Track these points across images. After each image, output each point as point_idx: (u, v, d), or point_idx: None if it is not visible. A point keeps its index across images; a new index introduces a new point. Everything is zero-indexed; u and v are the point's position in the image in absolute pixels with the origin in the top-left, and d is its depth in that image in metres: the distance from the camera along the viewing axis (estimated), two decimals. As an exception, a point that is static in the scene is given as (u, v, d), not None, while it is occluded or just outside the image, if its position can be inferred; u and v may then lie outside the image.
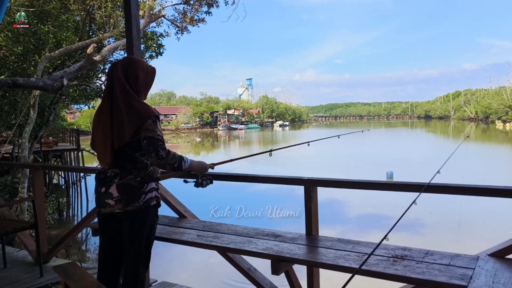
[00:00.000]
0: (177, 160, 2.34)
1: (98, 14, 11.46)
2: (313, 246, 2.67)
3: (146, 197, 2.33)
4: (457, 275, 2.10)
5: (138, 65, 2.41)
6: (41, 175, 4.53)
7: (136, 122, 2.24)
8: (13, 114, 12.22)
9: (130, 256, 2.35)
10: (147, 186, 2.34)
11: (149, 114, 2.26)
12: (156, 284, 3.61)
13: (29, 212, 10.38)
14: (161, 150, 2.25)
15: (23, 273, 4.01)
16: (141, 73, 2.40)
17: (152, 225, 2.42)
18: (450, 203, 11.79)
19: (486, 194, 2.35)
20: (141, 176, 2.32)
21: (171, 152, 2.31)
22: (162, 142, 2.28)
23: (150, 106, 2.35)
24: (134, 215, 2.31)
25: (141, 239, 2.35)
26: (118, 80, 2.32)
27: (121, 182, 2.30)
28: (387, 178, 17.33)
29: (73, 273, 1.97)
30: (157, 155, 2.25)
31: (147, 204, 2.33)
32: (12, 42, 9.77)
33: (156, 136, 2.25)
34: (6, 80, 7.53)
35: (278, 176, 3.13)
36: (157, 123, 2.29)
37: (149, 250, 2.44)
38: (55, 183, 20.20)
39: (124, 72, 2.35)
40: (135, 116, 2.25)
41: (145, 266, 2.42)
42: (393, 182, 3.24)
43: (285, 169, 19.28)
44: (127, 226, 2.34)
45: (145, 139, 2.25)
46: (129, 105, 2.27)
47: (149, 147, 2.25)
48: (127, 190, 2.30)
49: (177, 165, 2.35)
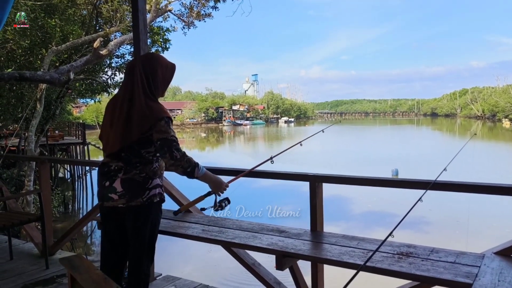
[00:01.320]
0: (191, 164, 2.32)
1: (105, 8, 11.46)
2: (317, 242, 2.67)
3: (150, 193, 2.32)
4: (463, 273, 2.08)
5: (158, 61, 2.40)
6: (47, 168, 4.56)
7: (147, 121, 2.24)
8: (20, 107, 12.28)
9: (134, 250, 2.36)
10: (152, 182, 2.33)
11: (162, 115, 2.25)
12: (160, 278, 3.62)
13: (35, 205, 10.45)
14: (175, 151, 2.26)
15: (29, 265, 4.04)
16: (160, 70, 2.38)
17: (155, 220, 2.42)
18: (456, 201, 11.75)
19: (493, 192, 2.33)
20: (146, 171, 2.32)
21: (186, 155, 2.31)
22: (177, 143, 2.28)
23: (163, 107, 2.34)
24: (137, 210, 2.31)
25: (144, 234, 2.35)
26: (137, 75, 2.32)
27: (125, 177, 2.29)
28: (392, 176, 17.28)
29: (79, 265, 1.97)
30: (171, 156, 2.25)
31: (151, 201, 2.33)
32: (19, 35, 9.80)
33: (169, 137, 2.25)
34: (13, 74, 7.56)
35: (284, 172, 3.12)
36: (170, 124, 2.28)
37: (153, 245, 2.44)
38: (61, 176, 20.33)
39: (143, 68, 2.35)
40: (147, 116, 2.24)
41: (150, 260, 2.42)
42: (399, 179, 3.23)
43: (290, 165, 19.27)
44: (130, 221, 2.34)
45: (159, 140, 2.25)
46: (143, 103, 2.27)
47: (163, 147, 2.25)
48: (132, 186, 2.29)
49: (190, 170, 2.33)
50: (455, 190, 2.47)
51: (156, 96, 2.36)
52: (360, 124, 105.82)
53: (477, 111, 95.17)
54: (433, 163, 10.57)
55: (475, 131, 58.90)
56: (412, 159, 24.17)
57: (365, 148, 32.41)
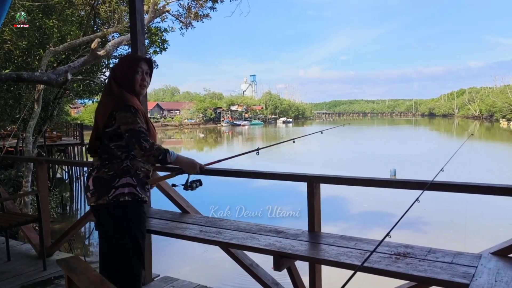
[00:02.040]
0: (161, 152, 2.29)
1: (103, 9, 11.46)
2: (315, 243, 2.67)
3: (116, 192, 2.30)
4: (460, 273, 2.09)
5: (121, 59, 2.58)
6: (45, 169, 4.55)
7: (111, 105, 2.31)
8: (18, 108, 12.27)
9: (115, 250, 2.37)
10: (119, 181, 2.31)
11: (124, 103, 2.29)
12: (158, 279, 3.62)
13: (32, 206, 10.43)
14: (144, 141, 2.25)
15: (27, 266, 4.03)
16: (120, 65, 2.49)
17: (128, 220, 2.36)
18: (454, 201, 11.77)
19: (490, 193, 2.34)
20: (114, 170, 2.32)
21: (155, 144, 2.29)
22: (145, 134, 2.28)
23: (129, 96, 2.36)
24: (105, 209, 2.33)
25: (122, 234, 2.34)
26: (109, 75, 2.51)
27: (97, 175, 2.35)
28: (391, 176, 17.30)
29: (76, 267, 1.97)
30: (140, 147, 2.24)
31: (116, 199, 2.30)
32: (16, 36, 9.80)
33: (137, 128, 2.26)
34: (10, 74, 7.55)
35: (281, 173, 3.13)
36: (136, 114, 2.29)
37: (138, 245, 2.39)
38: (58, 177, 20.29)
39: (113, 68, 2.55)
40: (111, 100, 2.34)
41: (137, 261, 2.39)
42: (396, 179, 3.24)
43: (288, 165, 19.28)
44: (102, 220, 2.38)
45: (127, 132, 2.26)
46: (109, 90, 2.41)
47: (131, 139, 2.26)
48: (99, 183, 2.33)
49: (161, 157, 2.29)
50: (452, 190, 2.48)
51: (123, 87, 2.40)
52: (358, 124, 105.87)
53: (475, 111, 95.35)
54: (431, 163, 10.60)
55: (472, 131, 59.02)
56: (410, 159, 24.20)
57: (363, 149, 32.44)
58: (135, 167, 2.38)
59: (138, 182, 2.38)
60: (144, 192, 2.42)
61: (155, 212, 3.55)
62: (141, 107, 2.41)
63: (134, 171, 2.37)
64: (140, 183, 2.39)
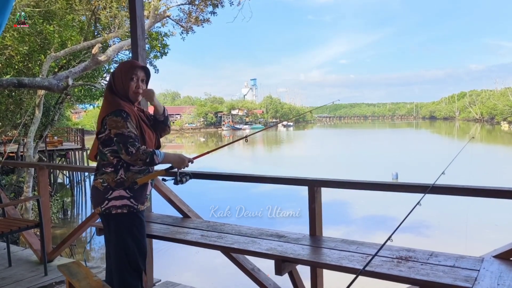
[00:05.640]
0: (148, 154, 2.28)
1: (103, 14, 11.51)
2: (317, 247, 2.66)
3: (108, 203, 2.33)
4: (462, 276, 2.08)
5: (119, 65, 2.58)
6: (46, 174, 4.55)
7: (104, 110, 2.36)
8: (19, 113, 12.30)
9: (112, 258, 2.43)
10: (112, 193, 2.33)
11: (116, 107, 2.33)
12: (159, 284, 3.61)
13: (34, 211, 10.44)
14: (130, 146, 2.25)
15: (28, 271, 4.02)
16: (118, 71, 2.50)
17: (122, 233, 2.36)
18: (455, 204, 11.73)
19: (491, 196, 2.34)
20: (108, 182, 2.34)
21: (141, 148, 2.29)
22: (133, 139, 2.27)
23: (121, 102, 2.38)
24: (102, 218, 2.42)
25: (117, 243, 2.36)
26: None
27: (93, 184, 2.42)
28: (393, 179, 17.29)
29: (77, 272, 1.97)
30: (126, 152, 2.25)
31: (109, 211, 2.33)
32: (17, 41, 9.82)
33: (126, 133, 2.27)
34: (11, 80, 7.57)
35: (282, 177, 3.13)
36: (128, 119, 2.30)
37: (134, 256, 2.38)
38: (59, 182, 20.29)
39: (111, 73, 2.58)
40: (103, 106, 2.40)
41: (133, 269, 2.38)
42: (398, 183, 3.23)
43: (289, 169, 19.26)
44: (104, 226, 2.46)
45: (115, 136, 2.28)
46: (104, 96, 2.49)
47: (119, 144, 2.27)
48: (95, 193, 2.40)
49: (149, 160, 2.29)
50: (453, 193, 2.47)
51: (119, 93, 2.42)
52: (359, 127, 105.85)
53: (476, 114, 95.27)
54: (433, 166, 10.59)
55: (473, 134, 58.97)
56: (411, 163, 24.18)
57: (365, 152, 32.42)
58: (130, 179, 2.36)
59: (134, 193, 2.37)
60: (140, 202, 2.41)
61: (157, 217, 3.55)
62: (135, 112, 2.41)
63: (129, 183, 2.36)
64: (135, 194, 2.38)
